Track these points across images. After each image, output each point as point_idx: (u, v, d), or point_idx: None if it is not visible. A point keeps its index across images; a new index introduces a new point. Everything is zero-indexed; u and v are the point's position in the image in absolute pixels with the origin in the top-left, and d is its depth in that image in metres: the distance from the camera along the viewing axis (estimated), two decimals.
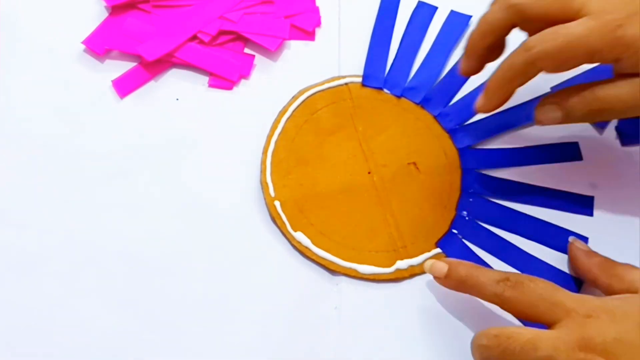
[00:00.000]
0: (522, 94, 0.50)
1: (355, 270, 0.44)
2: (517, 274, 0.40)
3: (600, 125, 0.50)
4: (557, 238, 0.46)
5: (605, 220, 0.46)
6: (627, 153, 0.49)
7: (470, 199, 0.47)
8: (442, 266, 0.42)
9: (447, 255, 0.45)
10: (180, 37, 0.51)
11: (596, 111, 0.41)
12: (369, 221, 0.46)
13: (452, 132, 0.49)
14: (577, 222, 0.46)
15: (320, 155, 0.48)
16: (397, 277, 0.44)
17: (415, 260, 0.45)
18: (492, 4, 0.43)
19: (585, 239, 0.46)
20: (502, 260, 0.45)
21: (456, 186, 0.47)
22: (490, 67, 0.44)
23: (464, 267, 0.41)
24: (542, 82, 0.50)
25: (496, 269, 0.42)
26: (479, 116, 0.50)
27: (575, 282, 0.44)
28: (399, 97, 0.50)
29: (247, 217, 0.46)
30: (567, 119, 0.42)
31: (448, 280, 0.42)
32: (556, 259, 0.45)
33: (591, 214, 0.47)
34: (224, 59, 0.51)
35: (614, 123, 0.50)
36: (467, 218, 0.46)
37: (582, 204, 0.47)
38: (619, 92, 0.40)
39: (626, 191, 0.47)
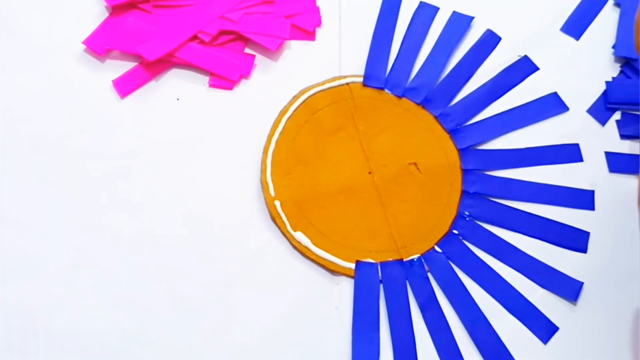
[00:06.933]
0: (522, 96, 0.51)
1: None
2: None
3: (601, 120, 0.50)
4: (559, 235, 0.46)
5: (607, 216, 0.46)
6: (627, 151, 0.49)
7: (471, 200, 0.47)
8: None
9: (447, 256, 0.45)
10: (180, 37, 0.51)
11: None
12: (369, 221, 0.46)
13: (452, 133, 0.49)
14: (579, 218, 0.46)
15: (320, 155, 0.48)
16: None
17: None
18: None
19: (586, 235, 0.46)
20: (502, 262, 0.45)
21: (457, 187, 0.47)
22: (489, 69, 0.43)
23: None
24: (541, 86, 0.51)
25: None
26: (479, 117, 0.50)
27: (575, 285, 0.44)
28: (400, 97, 0.50)
29: (247, 216, 0.46)
30: None
31: None
32: (557, 259, 0.45)
33: (592, 208, 0.47)
34: (224, 58, 0.51)
35: (615, 117, 0.50)
36: (467, 219, 0.46)
37: (583, 199, 0.47)
38: None
39: (626, 188, 0.47)
